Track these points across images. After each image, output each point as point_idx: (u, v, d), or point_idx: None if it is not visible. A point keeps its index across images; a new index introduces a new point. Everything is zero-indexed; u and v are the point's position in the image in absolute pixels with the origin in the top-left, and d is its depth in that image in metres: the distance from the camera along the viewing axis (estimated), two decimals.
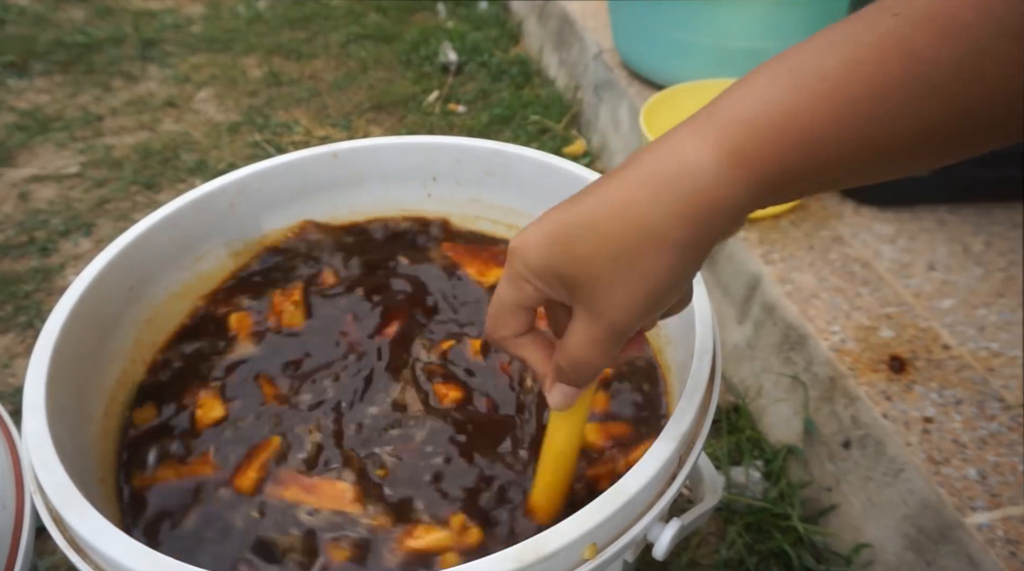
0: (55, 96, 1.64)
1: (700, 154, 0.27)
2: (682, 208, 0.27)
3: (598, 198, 0.29)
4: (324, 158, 0.63)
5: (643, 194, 0.28)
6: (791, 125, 0.26)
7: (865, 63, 0.25)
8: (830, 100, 0.25)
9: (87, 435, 0.48)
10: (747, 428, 0.83)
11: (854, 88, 0.25)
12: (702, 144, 0.27)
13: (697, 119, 0.28)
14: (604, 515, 0.35)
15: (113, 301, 0.53)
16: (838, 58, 0.25)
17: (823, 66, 0.25)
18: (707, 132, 0.27)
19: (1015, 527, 0.56)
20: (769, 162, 0.27)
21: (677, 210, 0.27)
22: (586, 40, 1.47)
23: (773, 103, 0.26)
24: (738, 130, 0.26)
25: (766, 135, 0.26)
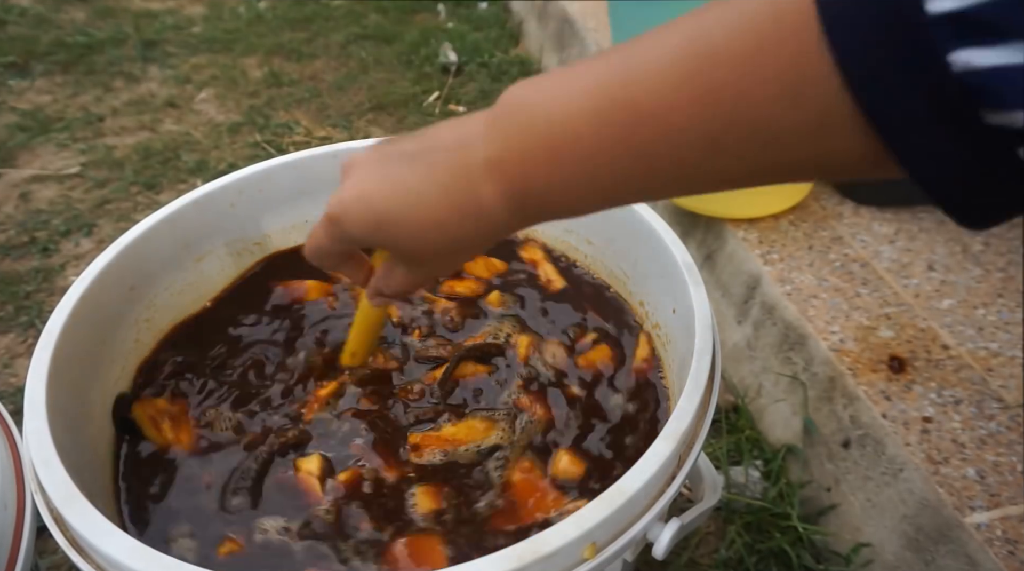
0: (56, 96, 1.64)
1: (497, 205, 0.33)
2: (483, 234, 0.35)
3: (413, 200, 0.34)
4: (324, 158, 0.63)
5: (454, 221, 0.34)
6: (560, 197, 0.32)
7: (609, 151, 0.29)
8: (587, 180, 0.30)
9: (88, 435, 0.48)
10: (747, 428, 0.83)
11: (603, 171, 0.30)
12: (497, 196, 0.33)
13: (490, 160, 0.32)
14: (604, 515, 0.35)
15: (114, 301, 0.53)
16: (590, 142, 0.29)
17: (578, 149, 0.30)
18: (500, 187, 0.32)
19: (1014, 526, 0.56)
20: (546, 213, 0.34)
21: (479, 234, 0.35)
22: (586, 41, 1.47)
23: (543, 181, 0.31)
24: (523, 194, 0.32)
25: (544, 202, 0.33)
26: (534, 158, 0.31)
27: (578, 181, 0.31)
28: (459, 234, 0.35)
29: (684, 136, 0.27)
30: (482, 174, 0.33)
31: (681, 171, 0.28)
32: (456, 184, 0.34)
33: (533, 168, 0.31)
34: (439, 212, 0.34)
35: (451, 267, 0.43)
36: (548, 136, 0.31)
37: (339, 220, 0.37)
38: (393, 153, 0.36)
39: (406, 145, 0.36)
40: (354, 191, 0.36)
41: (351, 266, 0.44)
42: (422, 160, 0.35)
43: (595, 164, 0.30)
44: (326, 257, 0.41)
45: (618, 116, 0.28)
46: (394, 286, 0.41)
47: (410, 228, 0.35)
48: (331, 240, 0.39)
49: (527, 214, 0.34)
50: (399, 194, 0.35)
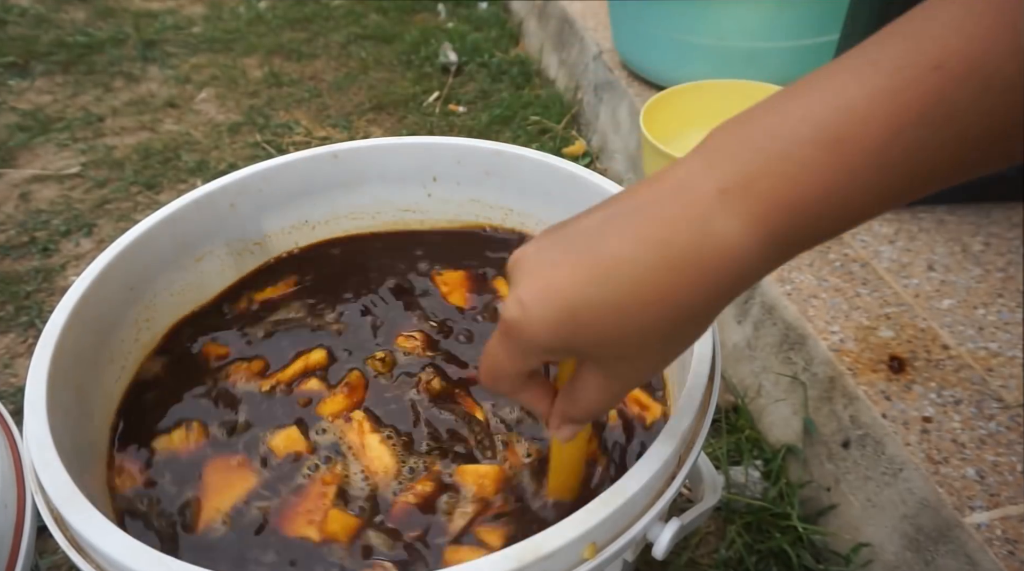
0: (56, 96, 1.64)
1: (743, 240, 0.26)
2: (719, 290, 0.27)
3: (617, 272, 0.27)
4: (325, 159, 0.63)
5: (676, 280, 0.26)
6: (838, 206, 0.25)
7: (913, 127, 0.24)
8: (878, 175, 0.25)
9: (88, 434, 0.48)
10: (746, 428, 0.83)
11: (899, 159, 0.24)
12: (747, 227, 0.26)
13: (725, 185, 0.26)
14: (603, 515, 0.35)
15: (114, 301, 0.53)
16: (882, 124, 0.24)
17: (867, 135, 0.24)
18: (746, 212, 0.25)
19: (1014, 526, 0.56)
20: (809, 237, 0.26)
21: (714, 292, 0.27)
22: (586, 40, 1.47)
23: (818, 184, 0.25)
24: (783, 214, 0.25)
25: (813, 218, 0.26)
26: (804, 164, 0.25)
27: (872, 173, 0.24)
28: (687, 298, 0.27)
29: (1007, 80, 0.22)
30: (717, 208, 0.26)
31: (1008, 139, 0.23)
32: (678, 234, 0.26)
33: (804, 176, 0.25)
34: (653, 277, 0.26)
35: (659, 363, 0.30)
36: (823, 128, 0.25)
37: (519, 327, 0.28)
38: (574, 232, 0.29)
39: (586, 221, 0.29)
40: (534, 285, 0.28)
41: (536, 391, 0.35)
42: (619, 225, 0.27)
43: (898, 144, 0.24)
44: (505, 380, 0.33)
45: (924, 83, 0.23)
46: (584, 405, 0.32)
47: (618, 307, 0.27)
48: (513, 357, 0.31)
49: (788, 242, 0.26)
50: (597, 270, 0.27)
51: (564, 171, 0.59)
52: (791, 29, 1.05)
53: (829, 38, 1.03)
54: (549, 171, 0.60)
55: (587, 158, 1.36)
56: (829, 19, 1.03)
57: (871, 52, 0.25)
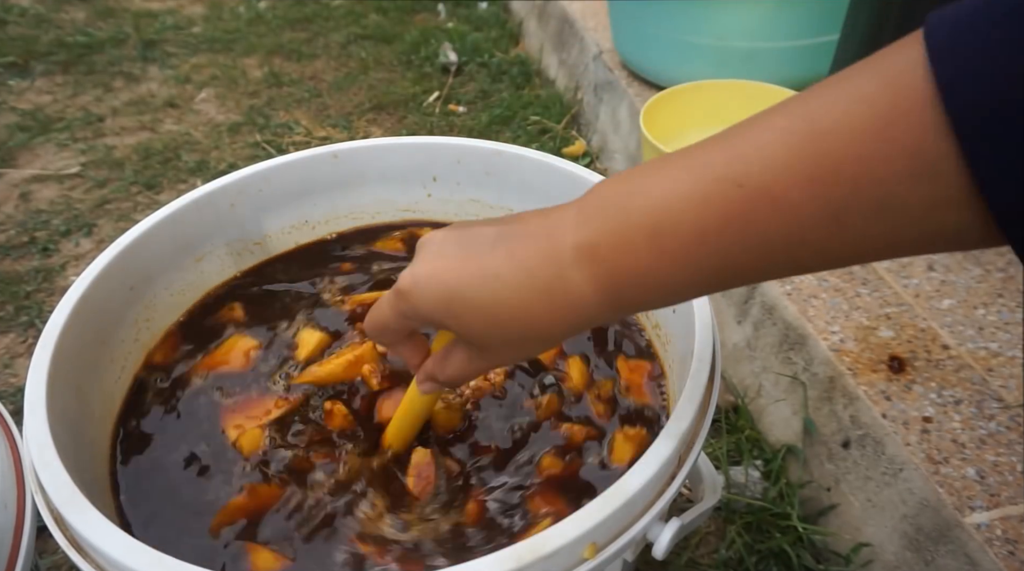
0: (56, 96, 1.64)
1: (587, 292, 0.32)
2: (569, 323, 0.33)
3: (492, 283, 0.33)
4: (325, 158, 0.63)
5: (539, 304, 0.32)
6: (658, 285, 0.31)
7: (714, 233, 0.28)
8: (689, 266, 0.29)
9: (88, 435, 0.48)
10: (747, 428, 0.83)
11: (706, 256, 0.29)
12: (588, 282, 0.31)
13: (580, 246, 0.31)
14: (604, 514, 0.35)
15: (114, 301, 0.53)
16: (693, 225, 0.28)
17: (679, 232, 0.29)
18: (590, 272, 0.31)
19: (1014, 526, 0.56)
20: (640, 303, 0.32)
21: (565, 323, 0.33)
22: (586, 40, 1.47)
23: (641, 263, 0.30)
24: (617, 282, 0.31)
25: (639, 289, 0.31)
26: (631, 243, 0.30)
27: (682, 267, 0.29)
28: (540, 322, 0.33)
29: (802, 213, 0.26)
30: (572, 260, 0.31)
31: (798, 251, 0.27)
32: (542, 269, 0.32)
33: (630, 254, 0.30)
34: (521, 295, 0.32)
35: (516, 357, 0.39)
36: (648, 219, 0.29)
37: (408, 295, 0.35)
38: (472, 235, 0.35)
39: (486, 230, 0.35)
40: (428, 267, 0.35)
41: (410, 347, 0.42)
42: (504, 244, 0.33)
43: (702, 248, 0.28)
44: (387, 333, 0.39)
45: (727, 196, 0.27)
46: (449, 372, 0.39)
47: (485, 310, 0.33)
48: (396, 315, 0.37)
49: (621, 303, 0.32)
50: (477, 274, 0.33)
51: (564, 171, 0.59)
52: (791, 29, 1.05)
53: (829, 38, 1.03)
54: (549, 171, 0.60)
55: (587, 158, 1.36)
56: (829, 19, 1.03)
57: (702, 157, 0.29)
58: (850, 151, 0.25)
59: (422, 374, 0.42)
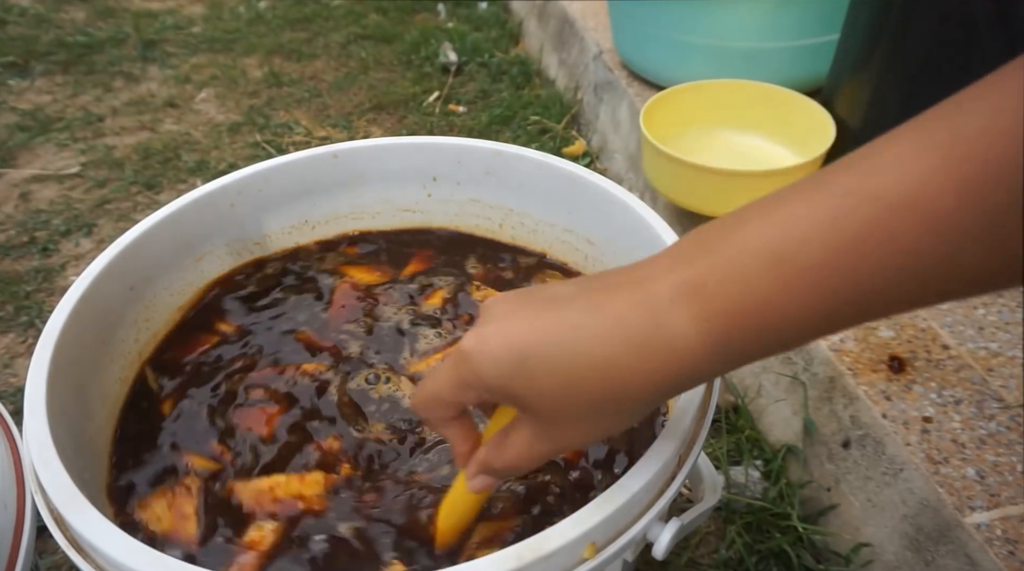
0: (56, 96, 1.64)
1: (690, 334, 0.27)
2: (665, 379, 0.28)
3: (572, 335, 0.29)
4: (325, 158, 0.63)
5: (628, 359, 0.28)
6: (776, 321, 0.27)
7: (847, 253, 0.25)
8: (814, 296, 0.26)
9: (88, 435, 0.48)
10: (747, 428, 0.83)
11: (837, 283, 0.25)
12: (693, 322, 0.27)
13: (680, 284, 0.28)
14: (604, 514, 0.35)
15: (114, 301, 0.53)
16: (818, 248, 0.25)
17: (804, 256, 0.25)
18: (693, 311, 0.27)
19: (1014, 526, 0.56)
20: (753, 348, 0.28)
21: (660, 379, 0.29)
22: (586, 40, 1.47)
23: (758, 296, 0.26)
24: (728, 320, 0.27)
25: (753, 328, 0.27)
26: (745, 274, 0.26)
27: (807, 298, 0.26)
28: (631, 378, 0.28)
29: (956, 223, 0.23)
30: (670, 301, 0.27)
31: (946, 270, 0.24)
32: (633, 314, 0.28)
33: (744, 286, 0.26)
34: (608, 349, 0.28)
35: (589, 434, 0.32)
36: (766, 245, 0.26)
37: (472, 357, 0.30)
38: (547, 292, 0.31)
39: (562, 288, 0.31)
40: (496, 326, 0.30)
41: (459, 429, 0.36)
42: (586, 297, 0.29)
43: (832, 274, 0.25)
44: (438, 407, 0.34)
45: (861, 211, 0.24)
46: (508, 458, 0.33)
47: (564, 369, 0.28)
48: (454, 384, 0.32)
49: (729, 346, 0.27)
50: (555, 327, 0.29)
51: (564, 171, 0.59)
52: (791, 29, 1.05)
53: (829, 38, 1.02)
54: (549, 171, 0.60)
55: (587, 158, 1.36)
56: (829, 19, 1.03)
57: (825, 178, 0.26)
58: (1008, 151, 0.22)
59: (475, 466, 0.36)
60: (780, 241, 0.26)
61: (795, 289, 0.26)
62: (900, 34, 0.81)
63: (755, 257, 0.26)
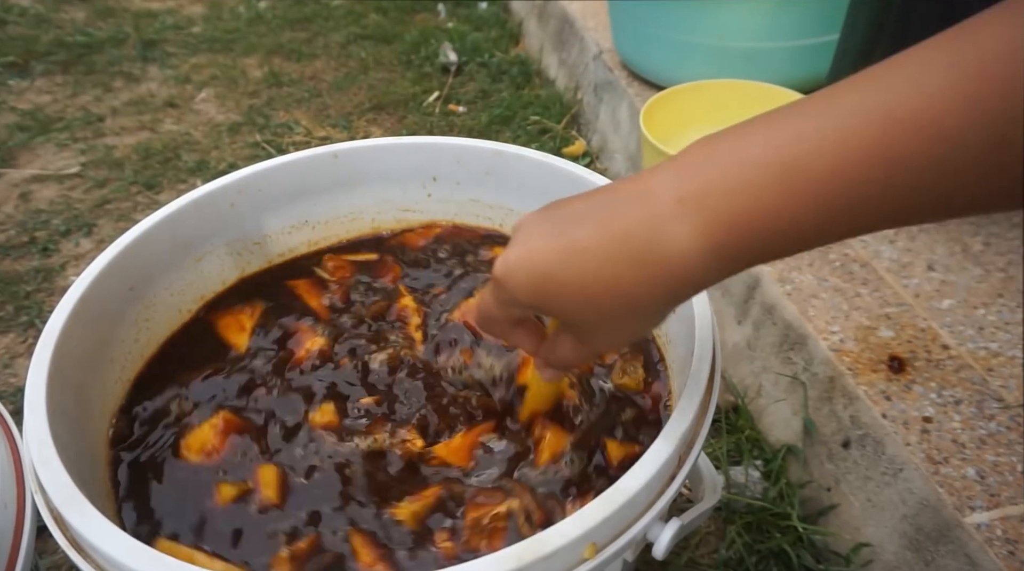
0: (56, 96, 1.64)
1: (690, 247, 0.29)
2: (667, 290, 0.31)
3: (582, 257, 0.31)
4: (325, 158, 0.63)
5: (631, 273, 0.30)
6: (781, 230, 0.28)
7: (855, 167, 0.26)
8: (820, 207, 0.27)
9: (88, 435, 0.48)
10: (747, 428, 0.83)
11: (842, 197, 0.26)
12: (693, 235, 0.28)
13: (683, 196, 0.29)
14: (604, 514, 0.35)
15: (114, 301, 0.53)
16: (828, 160, 0.26)
17: (813, 168, 0.26)
18: (695, 222, 0.28)
19: (1014, 527, 0.56)
20: (752, 256, 0.29)
21: (662, 291, 0.31)
22: (586, 40, 1.47)
23: (765, 206, 0.27)
24: (730, 231, 0.28)
25: (756, 238, 0.28)
26: (753, 184, 0.27)
27: (813, 208, 0.26)
28: (635, 292, 0.30)
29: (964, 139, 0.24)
30: (672, 214, 0.29)
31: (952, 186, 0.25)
32: (636, 233, 0.29)
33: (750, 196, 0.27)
34: (612, 267, 0.30)
35: (619, 339, 0.37)
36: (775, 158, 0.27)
37: (504, 283, 0.34)
38: (563, 212, 0.33)
39: (576, 204, 0.33)
40: (518, 251, 0.33)
41: (523, 334, 0.40)
42: (593, 216, 0.31)
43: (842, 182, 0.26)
44: (495, 323, 0.38)
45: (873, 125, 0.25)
46: (560, 357, 0.37)
47: (576, 289, 0.31)
48: (498, 304, 0.36)
49: (730, 253, 0.29)
50: (565, 252, 0.31)
51: (564, 171, 0.59)
52: (791, 29, 1.05)
53: (829, 38, 1.02)
54: (549, 171, 0.60)
55: (587, 158, 1.36)
56: (829, 19, 1.03)
57: (834, 94, 0.27)
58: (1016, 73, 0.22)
59: (539, 362, 0.41)
60: (789, 153, 0.26)
61: (803, 199, 0.26)
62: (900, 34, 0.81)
63: (762, 168, 0.27)
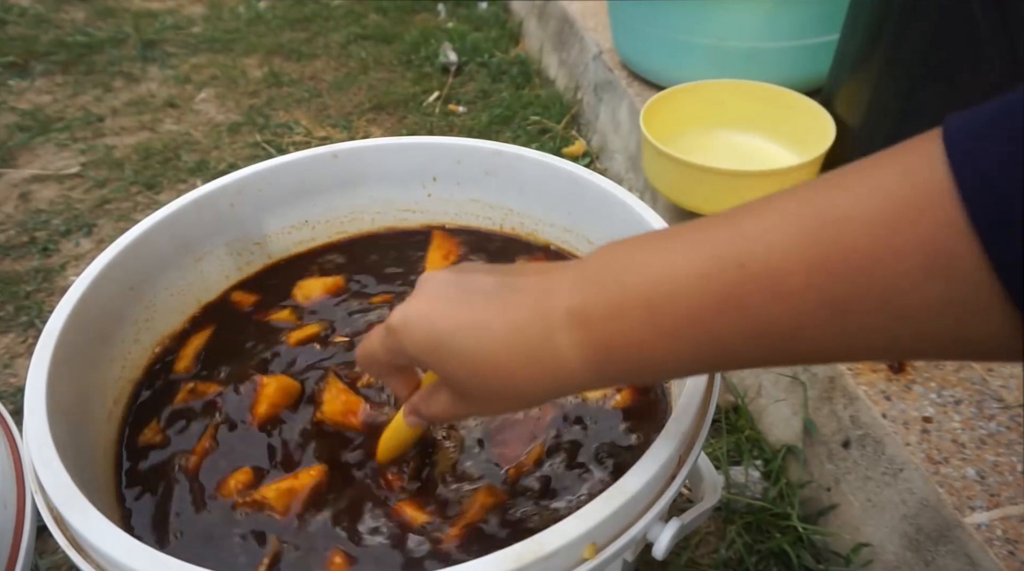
0: (56, 96, 1.64)
1: (572, 358, 0.31)
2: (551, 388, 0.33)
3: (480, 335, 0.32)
4: (324, 158, 0.63)
5: (521, 365, 0.32)
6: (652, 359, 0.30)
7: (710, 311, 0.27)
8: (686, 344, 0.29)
9: (88, 435, 0.48)
10: (746, 428, 0.83)
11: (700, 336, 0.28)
12: (574, 349, 0.31)
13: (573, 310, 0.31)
14: (604, 514, 0.35)
15: (114, 301, 0.53)
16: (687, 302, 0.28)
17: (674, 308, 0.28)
18: (579, 337, 0.31)
19: (1014, 526, 0.56)
20: (630, 377, 0.32)
21: (546, 388, 0.33)
22: (586, 40, 1.47)
23: (634, 337, 0.29)
24: (603, 353, 0.31)
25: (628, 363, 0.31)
26: (625, 315, 0.29)
27: (674, 345, 0.29)
28: (521, 381, 0.33)
29: (802, 302, 0.25)
30: (562, 324, 0.31)
31: (795, 341, 0.26)
32: (531, 329, 0.32)
33: (623, 326, 0.29)
34: (505, 352, 0.32)
35: (496, 410, 0.40)
36: (645, 291, 0.29)
37: (397, 332, 0.35)
38: (471, 282, 0.34)
39: (486, 278, 0.34)
40: (420, 307, 0.34)
41: (400, 380, 0.42)
42: (498, 297, 0.33)
43: (696, 327, 0.28)
44: (375, 365, 0.40)
45: (727, 275, 0.26)
46: (433, 411, 0.39)
47: (470, 362, 0.33)
48: (384, 350, 0.37)
49: (606, 372, 0.31)
50: (466, 324, 0.33)
51: (564, 171, 0.59)
52: (791, 29, 1.05)
53: (829, 38, 1.02)
54: (549, 171, 0.60)
55: (587, 158, 1.36)
56: (829, 19, 1.03)
57: (712, 228, 0.28)
58: (860, 242, 0.24)
59: (408, 407, 0.42)
60: (655, 288, 0.28)
61: (662, 336, 0.29)
62: (900, 34, 0.81)
63: (634, 301, 0.29)
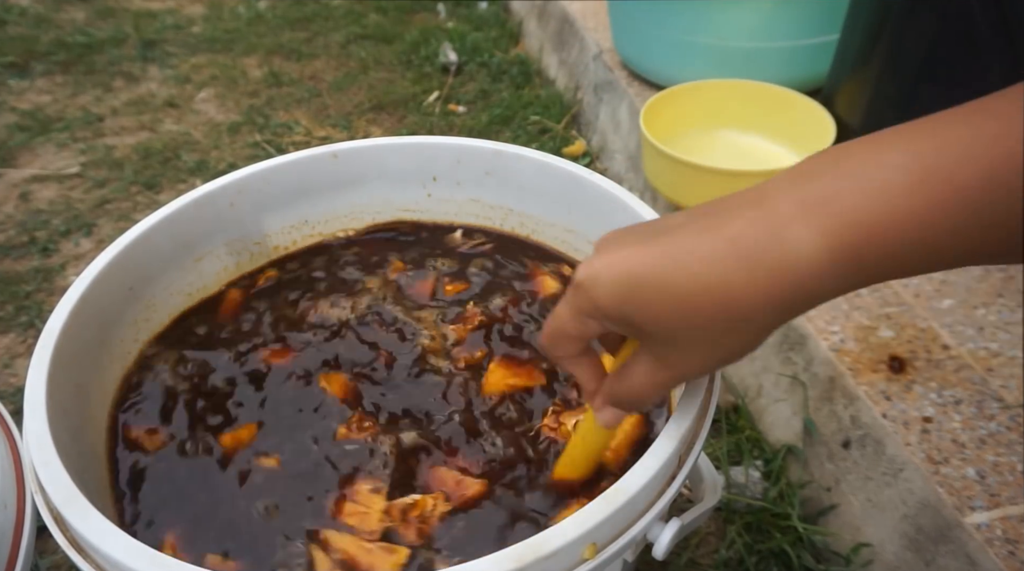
0: (56, 96, 1.64)
1: (812, 251, 0.26)
2: (782, 299, 0.27)
3: (684, 258, 0.27)
4: (324, 158, 0.63)
5: (741, 277, 0.26)
6: (910, 240, 0.25)
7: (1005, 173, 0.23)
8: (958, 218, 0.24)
9: (88, 435, 0.48)
10: (747, 428, 0.83)
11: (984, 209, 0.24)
12: (815, 238, 0.25)
13: (806, 200, 0.26)
14: (604, 515, 0.35)
15: (114, 301, 0.53)
16: (974, 169, 0.23)
17: (958, 176, 0.24)
18: (821, 224, 0.25)
19: (1014, 526, 0.56)
20: (880, 266, 0.26)
21: (776, 300, 0.27)
22: (586, 40, 1.47)
23: (905, 211, 0.24)
24: (858, 232, 0.25)
25: (884, 245, 0.25)
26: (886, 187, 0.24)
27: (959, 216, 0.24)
28: (746, 299, 0.26)
29: None
30: (792, 216, 0.26)
31: None
32: (749, 234, 0.26)
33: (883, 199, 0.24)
34: (720, 269, 0.26)
35: (709, 360, 0.30)
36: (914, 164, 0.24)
37: (586, 288, 0.30)
38: (657, 222, 0.30)
39: (671, 219, 0.30)
40: (606, 257, 0.30)
41: (586, 365, 0.36)
42: (696, 222, 0.28)
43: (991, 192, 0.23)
44: (565, 341, 0.34)
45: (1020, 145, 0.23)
46: (633, 388, 0.33)
47: (674, 295, 0.27)
48: (574, 315, 0.32)
49: (859, 261, 0.25)
50: (664, 254, 0.28)
51: (564, 171, 0.59)
52: (791, 29, 1.05)
53: (829, 38, 1.03)
54: (549, 171, 0.60)
55: (587, 158, 1.36)
56: (829, 19, 1.03)
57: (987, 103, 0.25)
58: None
59: (600, 399, 0.37)
60: (934, 160, 0.24)
61: (942, 207, 0.24)
62: (900, 34, 0.81)
63: (900, 173, 0.24)
